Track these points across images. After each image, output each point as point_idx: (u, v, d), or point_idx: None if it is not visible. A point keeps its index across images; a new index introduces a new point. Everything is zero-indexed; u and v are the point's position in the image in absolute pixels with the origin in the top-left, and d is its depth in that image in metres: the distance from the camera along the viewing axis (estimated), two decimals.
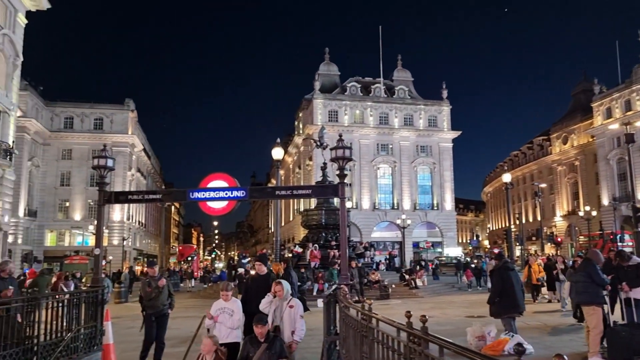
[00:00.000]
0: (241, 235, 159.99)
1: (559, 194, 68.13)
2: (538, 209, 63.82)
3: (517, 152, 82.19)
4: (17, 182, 36.78)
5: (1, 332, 6.83)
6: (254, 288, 7.88)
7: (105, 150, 10.36)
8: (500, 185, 74.77)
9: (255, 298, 7.47)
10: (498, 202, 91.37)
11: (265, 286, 7.68)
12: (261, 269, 8.16)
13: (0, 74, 26.47)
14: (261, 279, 7.96)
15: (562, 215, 67.22)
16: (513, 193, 72.87)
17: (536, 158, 74.77)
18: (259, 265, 8.25)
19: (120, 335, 12.02)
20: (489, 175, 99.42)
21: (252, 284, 8.02)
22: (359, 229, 54.61)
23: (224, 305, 7.04)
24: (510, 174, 33.01)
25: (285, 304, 6.89)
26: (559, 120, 70.94)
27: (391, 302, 21.03)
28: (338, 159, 9.78)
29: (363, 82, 61.39)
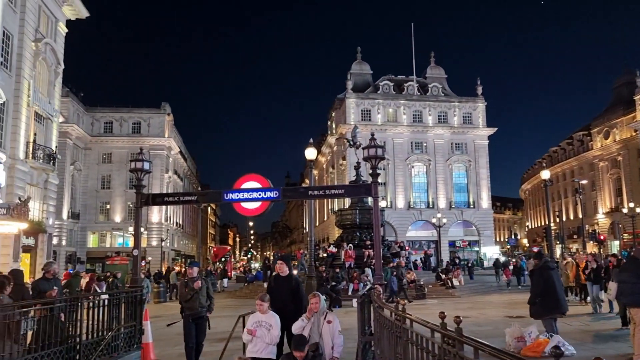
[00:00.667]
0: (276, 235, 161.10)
1: (601, 191, 65.91)
2: (579, 206, 61.87)
3: (556, 148, 79.94)
4: (61, 186, 38.02)
5: (46, 331, 7.07)
6: (276, 288, 7.80)
7: (142, 153, 10.58)
8: (539, 183, 72.94)
9: (277, 298, 7.42)
10: (537, 199, 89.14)
11: (287, 287, 7.65)
12: (283, 270, 8.04)
13: (43, 82, 27.43)
14: (283, 280, 7.90)
15: (604, 213, 65.02)
16: (552, 190, 70.98)
17: (576, 154, 72.56)
18: (280, 265, 8.14)
19: (159, 335, 12.28)
20: (527, 172, 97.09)
21: (275, 284, 7.95)
22: (393, 228, 54.23)
23: (262, 318, 6.81)
24: (549, 170, 32.18)
25: (322, 320, 6.63)
26: (599, 114, 68.61)
27: (427, 302, 20.79)
28: (370, 158, 9.73)
29: (396, 80, 60.95)
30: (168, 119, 60.17)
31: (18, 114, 23.85)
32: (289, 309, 7.38)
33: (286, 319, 7.23)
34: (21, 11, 24.49)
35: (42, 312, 7.31)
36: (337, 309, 18.87)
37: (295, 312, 7.36)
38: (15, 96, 23.78)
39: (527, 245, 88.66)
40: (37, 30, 26.27)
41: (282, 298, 7.44)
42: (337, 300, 19.78)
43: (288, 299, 7.51)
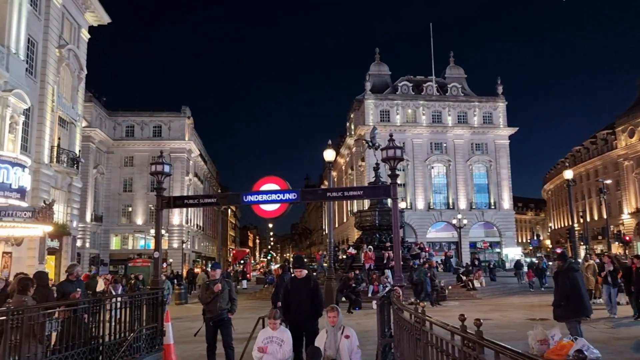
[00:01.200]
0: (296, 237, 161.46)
1: (626, 190, 64.54)
2: (603, 207, 60.69)
3: (579, 148, 78.56)
4: (84, 189, 38.67)
5: (70, 332, 7.19)
6: (293, 291, 7.70)
7: (162, 157, 10.70)
8: (562, 183, 71.77)
9: (295, 302, 7.36)
10: (560, 199, 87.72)
11: (305, 288, 7.52)
12: (300, 273, 7.94)
13: (66, 87, 27.96)
14: (301, 281, 7.82)
15: (630, 213, 63.65)
16: (576, 190, 69.73)
17: (600, 153, 71.21)
18: (298, 271, 8.01)
19: (180, 336, 12.39)
20: (549, 172, 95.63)
21: (292, 287, 7.82)
22: (413, 230, 53.89)
23: (273, 334, 6.68)
24: (572, 170, 31.66)
25: (339, 334, 6.48)
26: (624, 112, 67.24)
27: (448, 304, 20.60)
28: (389, 159, 9.67)
29: (414, 80, 60.61)
30: (188, 122, 60.77)
31: (43, 119, 24.34)
32: (306, 311, 7.24)
33: (303, 321, 7.12)
34: (45, 18, 25.00)
35: (66, 314, 7.44)
36: (357, 311, 18.82)
37: (313, 315, 7.25)
38: (40, 102, 24.28)
39: (550, 246, 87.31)
40: (61, 36, 26.78)
41: (299, 301, 7.32)
42: (357, 302, 19.72)
43: (306, 301, 7.34)
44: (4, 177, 16.93)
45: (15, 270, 18.87)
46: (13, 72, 20.00)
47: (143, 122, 58.54)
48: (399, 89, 59.14)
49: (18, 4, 20.81)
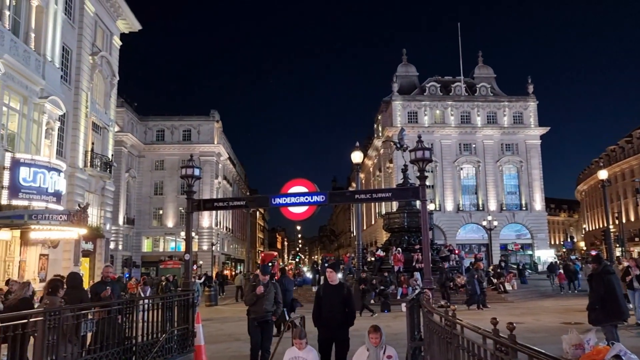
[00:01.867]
0: (324, 239, 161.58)
1: None
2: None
3: (614, 147, 76.39)
4: (117, 193, 39.51)
5: (104, 332, 7.36)
6: (325, 298, 7.39)
7: (192, 160, 10.85)
8: (596, 183, 69.92)
9: (326, 308, 7.14)
10: (594, 200, 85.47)
11: (338, 296, 7.24)
12: (333, 278, 7.58)
13: (99, 93, 28.67)
14: (333, 288, 7.45)
15: None
16: (611, 191, 67.79)
17: (636, 152, 69.09)
18: (330, 273, 7.67)
19: (210, 337, 12.54)
20: (583, 172, 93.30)
21: (324, 293, 7.48)
22: (442, 232, 53.31)
23: (299, 354, 6.51)
24: (607, 170, 30.80)
25: (382, 354, 6.33)
26: None
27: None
28: (418, 161, 9.60)
29: (442, 81, 60.02)
30: (217, 125, 61.52)
31: (77, 125, 25.00)
32: (338, 319, 7.05)
33: (334, 329, 6.95)
34: (79, 27, 25.68)
35: (100, 314, 7.62)
36: (386, 314, 18.72)
37: (344, 323, 7.06)
38: (74, 108, 24.94)
39: (585, 248, 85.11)
40: (94, 44, 27.47)
41: (331, 308, 7.11)
42: (386, 305, 19.62)
43: (338, 308, 7.11)
44: (40, 182, 17.44)
45: (52, 272, 19.43)
46: (49, 79, 20.60)
47: (173, 126, 59.51)
48: (426, 89, 58.66)
49: (53, 14, 21.44)
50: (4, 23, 17.94)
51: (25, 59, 19.03)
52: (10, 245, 18.01)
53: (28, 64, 19.14)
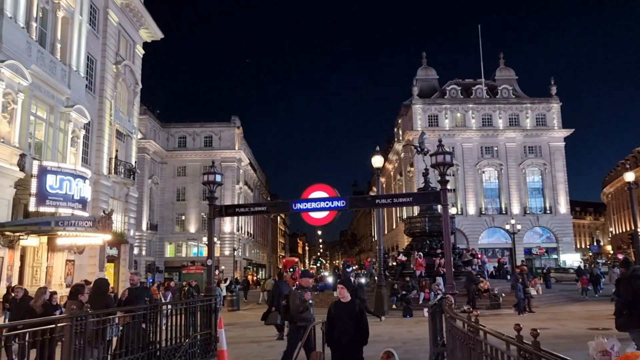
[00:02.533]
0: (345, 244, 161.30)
1: None
2: None
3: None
4: (140, 199, 40.09)
5: (129, 337, 7.48)
6: (337, 316, 7.04)
7: (214, 166, 10.98)
8: (623, 185, 68.44)
9: (338, 327, 6.86)
10: (621, 203, 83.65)
11: (350, 314, 6.93)
12: (344, 295, 7.17)
13: (122, 101, 29.17)
14: (345, 307, 7.08)
15: None
16: (638, 193, 66.20)
17: None
18: (340, 289, 7.27)
19: (233, 342, 12.62)
20: (609, 174, 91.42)
21: (335, 312, 7.12)
22: (465, 236, 52.77)
23: None
24: (634, 172, 30.17)
25: None
26: None
27: (503, 313, 20.02)
28: (439, 165, 9.57)
29: (463, 84, 59.57)
30: (238, 131, 62.04)
31: (101, 133, 25.47)
32: (351, 338, 6.76)
33: (347, 348, 6.71)
34: (103, 37, 26.21)
35: (125, 320, 7.75)
36: (408, 319, 18.60)
37: (358, 342, 6.79)
38: (99, 116, 25.43)
39: (612, 252, 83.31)
40: (117, 53, 27.99)
41: (342, 326, 6.82)
42: (408, 310, 19.49)
43: (349, 328, 6.79)
44: (67, 189, 17.80)
45: (78, 277, 19.82)
46: (74, 88, 21.05)
47: (195, 132, 60.22)
48: (447, 93, 58.28)
49: (78, 25, 21.92)
50: (31, 34, 18.41)
51: (52, 69, 19.49)
52: (37, 251, 18.42)
53: (54, 73, 19.59)
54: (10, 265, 16.38)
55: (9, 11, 16.71)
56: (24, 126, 17.74)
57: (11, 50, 16.61)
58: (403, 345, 12.37)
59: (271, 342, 13.43)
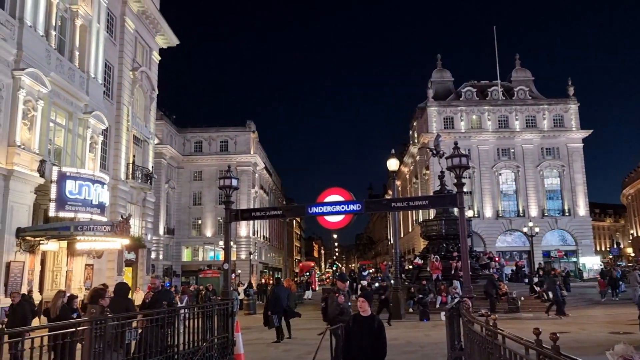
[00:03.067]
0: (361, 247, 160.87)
1: None
2: None
3: None
4: (157, 203, 40.46)
5: (147, 340, 7.54)
6: (355, 331, 6.60)
7: (230, 171, 11.06)
8: None
9: (355, 344, 6.52)
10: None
11: (368, 330, 6.52)
12: (365, 309, 6.69)
13: (139, 107, 29.53)
14: (364, 321, 6.60)
15: None
16: None
17: None
18: (362, 303, 6.75)
19: (249, 346, 12.66)
20: (629, 175, 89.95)
21: (354, 326, 6.67)
22: (482, 239, 52.30)
23: None
24: None
25: None
26: None
27: (521, 316, 19.79)
28: (455, 168, 9.53)
29: (478, 85, 59.16)
30: (253, 136, 62.33)
31: (119, 138, 25.80)
32: (368, 355, 6.45)
33: None
34: (120, 44, 26.58)
35: (143, 323, 7.82)
36: (425, 322, 18.48)
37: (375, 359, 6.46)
38: (116, 122, 25.76)
39: (632, 254, 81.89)
40: (134, 60, 28.35)
41: (361, 342, 6.49)
42: (425, 314, 19.37)
43: (367, 345, 6.47)
44: (85, 194, 18.05)
45: (97, 281, 20.05)
46: (92, 95, 21.37)
47: (210, 137, 60.64)
48: (462, 94, 57.92)
49: (96, 32, 22.27)
50: (50, 43, 18.74)
51: (70, 76, 19.81)
52: (57, 256, 18.69)
53: (73, 81, 19.91)
54: (31, 270, 16.66)
55: (28, 20, 17.03)
56: (44, 133, 18.06)
57: (31, 59, 16.93)
58: (420, 349, 12.30)
59: (287, 345, 13.45)
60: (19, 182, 16.09)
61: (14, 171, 15.79)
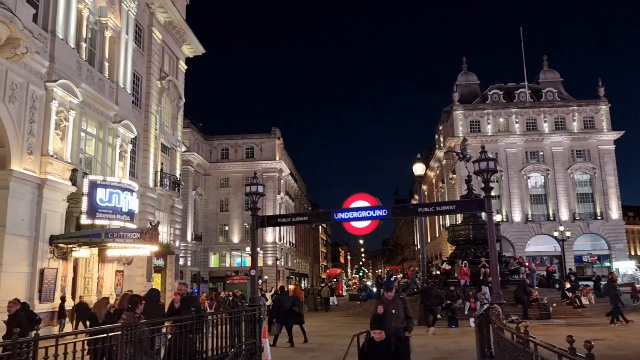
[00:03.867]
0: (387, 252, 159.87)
1: None
2: None
3: None
4: (185, 210, 40.97)
5: (177, 346, 7.63)
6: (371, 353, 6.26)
7: (256, 178, 11.14)
8: None
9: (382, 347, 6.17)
10: None
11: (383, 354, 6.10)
12: (380, 338, 6.22)
13: (167, 116, 30.02)
14: (379, 347, 6.20)
15: None
16: None
17: None
18: (379, 334, 6.26)
19: (276, 352, 12.68)
20: None
21: (369, 352, 6.32)
22: (511, 243, 51.45)
23: None
24: None
25: None
26: None
27: (553, 323, 19.33)
28: (482, 172, 9.41)
29: (505, 88, 58.39)
30: (278, 142, 62.71)
31: (147, 147, 26.26)
32: None
33: None
34: (148, 54, 27.10)
35: (173, 329, 7.92)
36: (454, 329, 18.23)
37: None
38: (144, 130, 26.24)
39: None
40: (162, 69, 28.87)
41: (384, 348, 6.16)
42: (454, 320, 19.11)
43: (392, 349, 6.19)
44: (115, 202, 18.40)
45: (127, 287, 20.39)
46: (122, 105, 21.83)
47: (236, 144, 61.25)
48: (489, 97, 57.23)
49: (125, 44, 22.77)
50: (81, 54, 19.23)
51: (100, 86, 20.28)
52: (89, 262, 19.09)
53: (103, 91, 20.38)
54: (63, 276, 17.04)
55: (60, 33, 17.52)
56: (75, 142, 18.51)
57: (63, 70, 17.39)
58: (449, 356, 12.14)
59: (315, 351, 13.43)
60: (52, 190, 16.50)
61: (47, 180, 16.20)
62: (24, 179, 15.38)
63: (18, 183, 15.14)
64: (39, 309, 15.20)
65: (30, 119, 15.96)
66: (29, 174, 15.61)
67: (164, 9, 27.99)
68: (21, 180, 15.25)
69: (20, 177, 15.19)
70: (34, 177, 15.82)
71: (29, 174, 15.58)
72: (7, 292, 13.55)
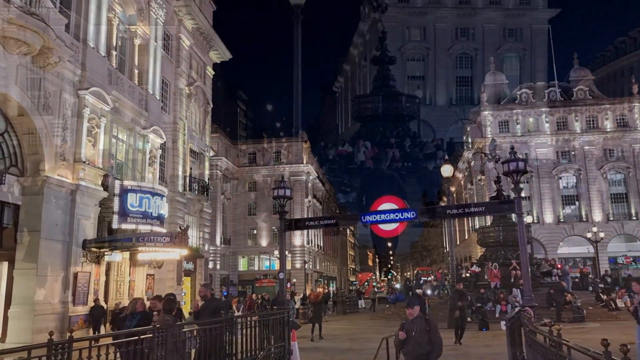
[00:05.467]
0: (416, 255, 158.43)
1: None
2: None
3: None
4: (213, 214, 41.44)
5: (207, 349, 7.72)
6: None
7: (283, 181, 11.21)
8: None
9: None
10: None
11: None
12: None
13: (195, 121, 30.46)
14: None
15: None
16: None
17: None
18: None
19: (306, 355, 12.70)
20: None
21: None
22: (542, 245, 50.38)
23: None
24: None
25: None
26: None
27: (587, 326, 18.85)
28: (511, 173, 9.26)
29: (535, 87, 57.30)
30: (305, 146, 62.92)
31: (176, 152, 26.68)
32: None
33: None
34: (176, 60, 27.56)
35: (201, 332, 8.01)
36: (484, 332, 17.96)
37: None
38: (173, 136, 26.66)
39: None
40: (189, 75, 29.31)
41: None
42: (484, 323, 18.83)
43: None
44: (146, 206, 18.75)
45: (157, 290, 20.74)
46: (151, 111, 22.25)
47: (264, 148, 61.69)
48: (518, 97, 56.26)
49: (153, 51, 23.21)
50: (111, 62, 19.70)
51: (130, 93, 20.72)
52: (121, 266, 19.48)
53: (133, 98, 20.81)
54: (96, 280, 17.43)
55: (91, 42, 17.98)
56: (107, 148, 18.94)
57: (94, 78, 17.84)
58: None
59: (344, 354, 13.41)
60: (84, 196, 16.91)
61: (80, 186, 16.61)
62: (58, 185, 15.80)
63: (52, 189, 15.56)
64: (73, 312, 15.57)
65: (63, 126, 16.41)
66: (63, 180, 16.04)
67: (191, 16, 28.43)
68: (55, 187, 15.67)
69: (54, 183, 15.61)
70: (67, 183, 16.23)
71: (62, 180, 16.01)
72: (42, 295, 13.95)
